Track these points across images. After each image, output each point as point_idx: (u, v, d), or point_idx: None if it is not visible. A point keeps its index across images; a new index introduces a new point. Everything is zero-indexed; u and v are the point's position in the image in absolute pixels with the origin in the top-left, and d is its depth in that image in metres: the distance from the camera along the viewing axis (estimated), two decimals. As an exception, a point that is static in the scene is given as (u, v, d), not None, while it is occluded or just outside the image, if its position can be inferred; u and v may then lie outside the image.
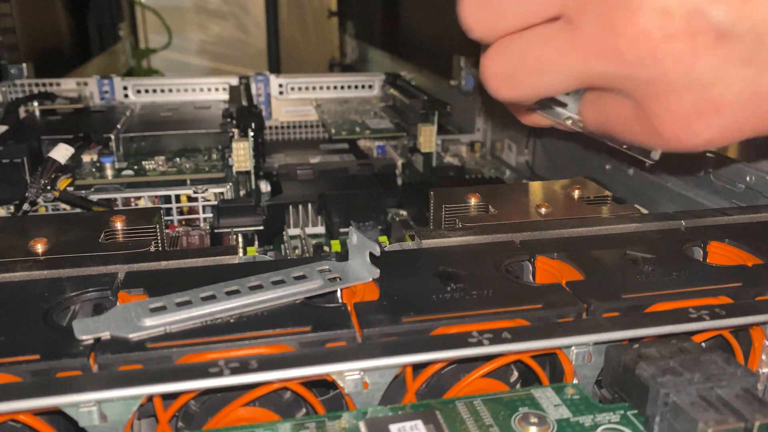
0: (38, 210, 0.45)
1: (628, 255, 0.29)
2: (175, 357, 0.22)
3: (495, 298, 0.26)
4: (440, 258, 0.29)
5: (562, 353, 0.24)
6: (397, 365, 0.22)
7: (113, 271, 0.28)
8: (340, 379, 0.22)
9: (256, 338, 0.23)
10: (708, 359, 0.22)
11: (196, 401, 0.23)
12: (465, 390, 0.24)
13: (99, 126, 0.60)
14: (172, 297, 0.25)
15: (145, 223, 0.33)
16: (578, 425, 0.21)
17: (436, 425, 0.21)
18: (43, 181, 0.44)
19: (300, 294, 0.26)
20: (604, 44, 0.25)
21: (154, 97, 0.75)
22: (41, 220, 0.36)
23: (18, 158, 0.45)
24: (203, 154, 0.54)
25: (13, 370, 0.21)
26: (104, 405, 0.20)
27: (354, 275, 0.27)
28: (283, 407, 0.24)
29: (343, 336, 0.23)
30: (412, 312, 0.24)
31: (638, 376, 0.22)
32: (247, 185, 0.53)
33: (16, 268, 0.28)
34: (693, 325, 0.24)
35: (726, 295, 0.26)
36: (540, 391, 0.23)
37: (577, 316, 0.25)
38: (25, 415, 0.20)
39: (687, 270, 0.28)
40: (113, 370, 0.22)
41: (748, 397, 0.21)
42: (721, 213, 0.34)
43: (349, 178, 0.55)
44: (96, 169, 0.51)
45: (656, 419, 0.21)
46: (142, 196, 0.46)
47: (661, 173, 0.48)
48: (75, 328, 0.23)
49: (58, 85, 0.73)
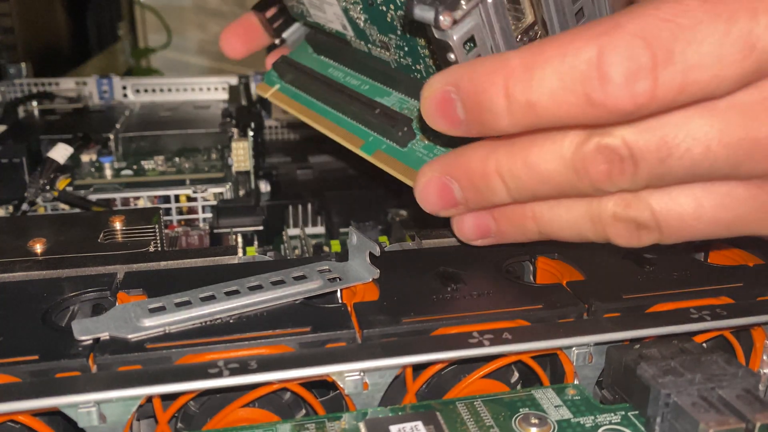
0: (37, 210, 0.45)
1: (628, 255, 0.29)
2: (174, 357, 0.22)
3: (495, 299, 0.26)
4: (440, 258, 0.29)
5: (563, 354, 0.24)
6: (397, 366, 0.22)
7: (112, 272, 0.28)
8: (340, 379, 0.22)
9: (255, 339, 0.23)
10: (709, 360, 0.22)
11: (195, 402, 0.23)
12: (465, 391, 0.24)
13: (98, 126, 0.60)
14: (172, 297, 0.25)
15: (145, 223, 0.33)
16: (579, 426, 0.21)
17: (437, 426, 0.21)
18: (42, 181, 0.44)
19: (300, 294, 0.26)
20: None
21: (154, 96, 0.75)
22: (40, 220, 0.36)
23: (17, 158, 0.45)
24: (203, 154, 0.54)
25: (11, 370, 0.21)
26: (103, 406, 0.20)
27: (354, 275, 0.27)
28: (282, 408, 0.24)
29: (343, 336, 0.23)
30: (413, 312, 0.24)
31: (639, 376, 0.22)
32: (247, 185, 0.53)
33: (15, 268, 0.28)
34: (694, 326, 0.24)
35: (727, 296, 0.26)
36: (541, 392, 0.23)
37: (577, 316, 0.25)
38: (23, 415, 0.20)
39: (688, 270, 0.28)
40: (112, 370, 0.22)
41: (749, 398, 0.21)
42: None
43: (349, 178, 0.55)
44: (95, 168, 0.51)
45: (657, 420, 0.21)
46: (142, 196, 0.46)
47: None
48: (74, 329, 0.23)
49: (56, 84, 0.73)
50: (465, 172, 0.26)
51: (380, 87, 0.34)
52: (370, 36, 0.32)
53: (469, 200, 0.26)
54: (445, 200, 0.27)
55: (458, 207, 0.27)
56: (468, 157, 0.26)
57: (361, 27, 0.32)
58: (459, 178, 0.26)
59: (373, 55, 0.33)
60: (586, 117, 0.21)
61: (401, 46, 0.30)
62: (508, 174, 0.25)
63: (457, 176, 0.26)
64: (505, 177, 0.25)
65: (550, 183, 0.24)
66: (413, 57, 0.30)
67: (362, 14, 0.30)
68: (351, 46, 0.35)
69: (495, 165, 0.25)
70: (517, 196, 0.25)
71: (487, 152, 0.25)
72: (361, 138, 0.33)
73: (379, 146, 0.32)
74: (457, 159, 0.26)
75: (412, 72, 0.32)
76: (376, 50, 0.33)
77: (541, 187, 0.24)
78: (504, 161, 0.25)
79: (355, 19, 0.31)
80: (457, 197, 0.26)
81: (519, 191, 0.25)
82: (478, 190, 0.26)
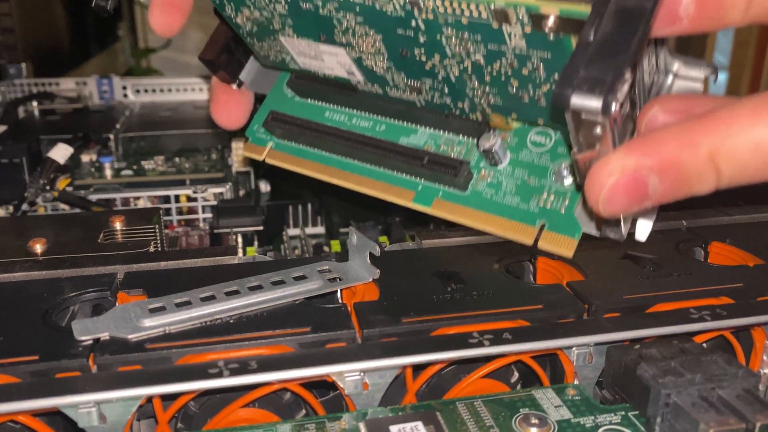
0: (37, 210, 0.45)
1: (629, 255, 0.29)
2: (174, 358, 0.22)
3: (495, 299, 0.26)
4: (440, 258, 0.29)
5: (563, 354, 0.24)
6: (397, 366, 0.22)
7: (112, 272, 0.28)
8: (340, 379, 0.22)
9: (255, 339, 0.23)
10: (709, 360, 0.22)
11: (195, 402, 0.23)
12: (465, 391, 0.24)
13: (98, 126, 0.60)
14: (172, 297, 0.25)
15: (145, 223, 0.33)
16: (579, 426, 0.21)
17: (437, 426, 0.21)
18: (42, 181, 0.44)
19: (300, 294, 0.26)
20: None
21: (154, 96, 0.75)
22: (40, 220, 0.36)
23: (17, 158, 0.45)
24: (203, 154, 0.54)
25: (12, 370, 0.21)
26: (103, 406, 0.20)
27: (354, 275, 0.27)
28: (282, 408, 0.24)
29: (343, 336, 0.23)
30: (413, 312, 0.24)
31: (639, 376, 0.22)
32: (247, 185, 0.53)
33: (15, 269, 0.28)
34: (694, 326, 0.24)
35: (727, 296, 0.26)
36: (541, 392, 0.23)
37: (578, 316, 0.25)
38: (24, 415, 0.20)
39: (688, 270, 0.28)
40: (112, 370, 0.22)
41: (749, 398, 0.21)
42: (722, 213, 0.34)
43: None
44: (95, 169, 0.51)
45: (657, 420, 0.21)
46: (142, 196, 0.46)
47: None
48: (74, 329, 0.23)
49: (57, 84, 0.73)
50: (667, 163, 0.22)
51: (400, 125, 0.30)
52: (391, 80, 0.28)
53: (667, 195, 0.22)
54: (634, 198, 0.22)
55: (646, 202, 0.22)
56: (670, 146, 0.22)
57: (379, 74, 0.28)
58: (659, 171, 0.22)
59: (390, 96, 0.29)
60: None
61: (438, 88, 0.27)
62: (726, 160, 0.21)
63: (656, 168, 0.22)
64: (721, 164, 0.21)
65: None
66: (454, 96, 0.27)
67: (386, 63, 0.27)
68: (357, 89, 0.30)
69: (707, 151, 0.21)
70: (730, 185, 0.22)
71: (695, 135, 0.21)
72: (410, 189, 0.29)
73: (435, 194, 0.28)
74: (655, 148, 0.22)
75: (447, 109, 0.28)
76: (396, 92, 0.29)
77: (762, 173, 0.21)
78: (721, 143, 0.21)
79: (370, 67, 0.28)
80: (651, 192, 0.22)
81: (734, 180, 0.22)
82: (682, 182, 0.22)
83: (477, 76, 0.25)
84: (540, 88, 0.24)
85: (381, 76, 0.28)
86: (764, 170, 0.21)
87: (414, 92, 0.28)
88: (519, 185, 0.26)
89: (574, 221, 0.25)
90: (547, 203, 0.25)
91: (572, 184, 0.25)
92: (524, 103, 0.25)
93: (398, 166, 0.29)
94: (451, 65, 0.25)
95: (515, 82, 0.24)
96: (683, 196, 0.22)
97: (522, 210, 0.26)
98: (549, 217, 0.25)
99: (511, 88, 0.25)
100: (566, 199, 0.25)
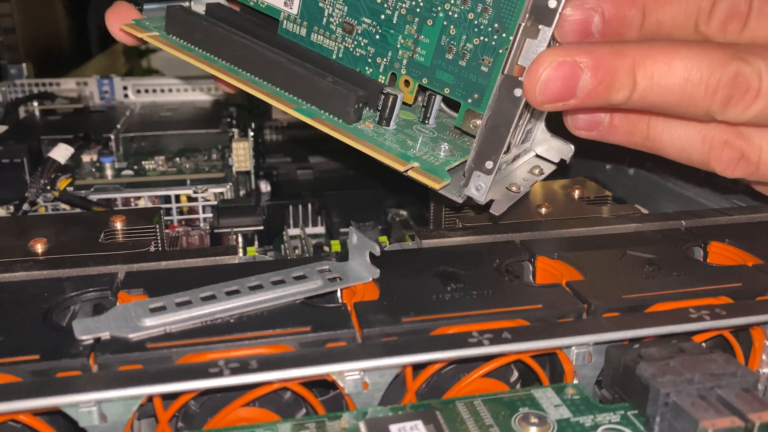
0: (38, 210, 0.45)
1: (628, 255, 0.29)
2: (175, 357, 0.22)
3: (495, 298, 0.26)
4: (440, 258, 0.29)
5: (563, 353, 0.24)
6: (397, 365, 0.22)
7: (113, 271, 0.28)
8: (340, 379, 0.22)
9: (256, 338, 0.23)
10: (708, 359, 0.22)
11: (196, 401, 0.23)
12: (465, 390, 0.24)
13: (99, 126, 0.60)
14: (172, 297, 0.25)
15: (145, 223, 0.33)
16: (578, 425, 0.21)
17: (437, 425, 0.21)
18: (42, 181, 0.44)
19: (300, 294, 0.26)
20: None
21: (154, 96, 0.75)
22: (41, 220, 0.36)
23: (18, 158, 0.45)
24: (203, 154, 0.54)
25: (12, 370, 0.21)
26: (104, 405, 0.20)
27: (354, 275, 0.27)
28: (283, 407, 0.24)
29: (343, 336, 0.23)
30: (412, 312, 0.24)
31: (638, 376, 0.22)
32: (247, 185, 0.53)
33: (16, 268, 0.28)
34: (693, 325, 0.24)
35: (726, 295, 0.26)
36: (540, 392, 0.23)
37: (577, 316, 0.25)
38: (24, 415, 0.20)
39: (687, 270, 0.28)
40: (113, 370, 0.22)
41: (748, 397, 0.21)
42: (722, 213, 0.34)
43: (349, 178, 0.55)
44: (96, 169, 0.51)
45: (656, 419, 0.21)
46: (142, 196, 0.46)
47: (662, 173, 0.48)
48: (75, 328, 0.23)
49: (57, 85, 0.73)
50: (600, 63, 0.25)
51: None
52: (328, 16, 0.29)
53: (592, 94, 0.26)
54: (566, 90, 0.25)
55: (571, 101, 0.26)
56: (604, 50, 0.25)
57: (321, 5, 0.29)
58: (591, 67, 0.25)
59: (310, 41, 0.30)
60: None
61: (369, 33, 0.28)
62: (643, 74, 0.25)
63: (589, 65, 0.25)
64: (638, 76, 0.25)
65: (677, 94, 0.25)
66: (379, 48, 0.28)
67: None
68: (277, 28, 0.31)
69: (632, 62, 0.25)
70: (637, 101, 0.26)
71: (625, 49, 0.25)
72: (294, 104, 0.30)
73: (318, 114, 0.30)
74: (591, 49, 0.25)
75: (362, 63, 0.29)
76: (319, 37, 0.30)
77: (666, 98, 0.25)
78: (643, 60, 0.25)
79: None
80: (580, 89, 0.25)
81: (644, 96, 0.26)
82: (606, 84, 0.25)
83: (419, 20, 0.28)
84: (471, 41, 0.27)
85: (321, 8, 0.29)
86: (668, 95, 0.25)
87: (345, 34, 0.29)
88: (400, 141, 0.30)
89: (445, 172, 0.29)
90: (423, 156, 0.30)
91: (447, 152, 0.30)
92: (445, 60, 0.28)
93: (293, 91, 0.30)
94: (401, 4, 0.27)
95: (453, 29, 0.27)
96: (602, 103, 0.26)
97: (399, 152, 0.29)
98: (422, 163, 0.29)
99: (444, 38, 0.28)
100: (438, 160, 0.29)
